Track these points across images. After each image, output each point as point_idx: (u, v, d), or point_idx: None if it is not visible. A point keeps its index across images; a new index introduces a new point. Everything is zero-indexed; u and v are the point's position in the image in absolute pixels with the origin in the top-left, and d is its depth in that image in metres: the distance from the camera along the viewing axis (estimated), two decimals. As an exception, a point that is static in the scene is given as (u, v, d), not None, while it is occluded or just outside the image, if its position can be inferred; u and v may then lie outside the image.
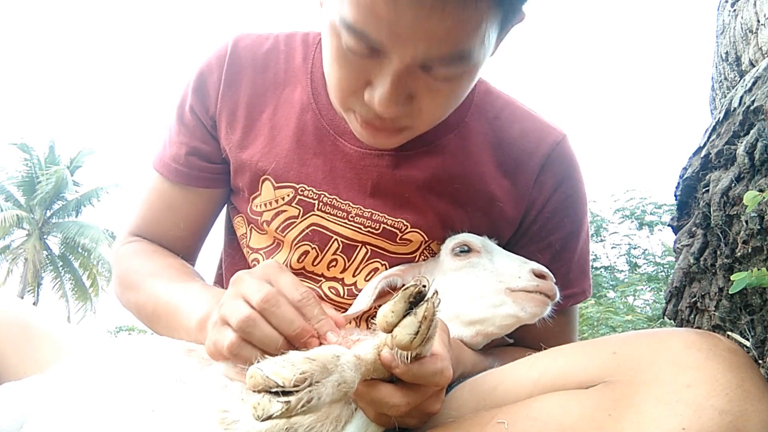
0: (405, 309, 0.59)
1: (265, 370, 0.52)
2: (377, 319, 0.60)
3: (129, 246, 1.11)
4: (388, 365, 0.64)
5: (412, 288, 0.58)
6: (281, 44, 1.06)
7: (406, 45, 0.73)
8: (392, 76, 0.77)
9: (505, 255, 0.97)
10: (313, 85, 1.03)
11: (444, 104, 0.85)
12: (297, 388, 0.52)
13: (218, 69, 1.04)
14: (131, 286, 1.04)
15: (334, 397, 0.56)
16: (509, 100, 1.09)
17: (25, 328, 0.92)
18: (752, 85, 0.93)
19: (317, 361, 0.56)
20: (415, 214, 1.01)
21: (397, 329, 0.59)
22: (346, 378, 0.58)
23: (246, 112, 1.03)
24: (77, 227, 20.09)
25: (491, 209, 1.03)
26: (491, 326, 0.91)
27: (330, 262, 1.03)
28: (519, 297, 0.89)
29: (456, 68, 0.77)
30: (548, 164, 1.04)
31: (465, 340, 0.92)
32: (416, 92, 0.81)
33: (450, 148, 1.01)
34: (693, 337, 0.64)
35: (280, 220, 1.03)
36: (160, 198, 1.11)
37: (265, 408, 0.51)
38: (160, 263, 1.05)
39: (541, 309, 0.89)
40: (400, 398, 0.66)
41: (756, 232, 0.81)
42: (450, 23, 0.70)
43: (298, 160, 1.01)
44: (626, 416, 0.61)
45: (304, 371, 0.53)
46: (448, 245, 1.00)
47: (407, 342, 0.58)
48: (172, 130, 1.09)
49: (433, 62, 0.75)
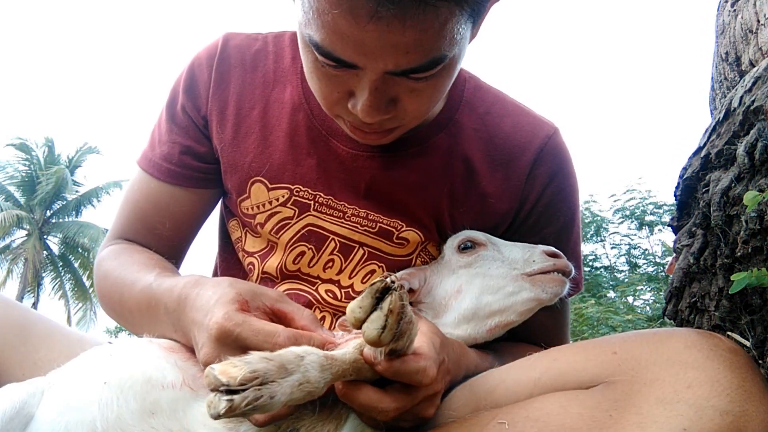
0: (372, 305, 0.59)
1: (215, 369, 0.54)
2: (347, 315, 0.60)
3: (104, 251, 1.08)
4: (369, 362, 0.64)
5: (379, 283, 0.59)
6: (270, 44, 1.07)
7: (376, 60, 0.73)
8: (370, 85, 0.77)
9: (511, 244, 0.97)
10: (304, 85, 1.03)
11: (428, 100, 0.85)
12: (243, 387, 0.53)
13: (208, 68, 1.04)
14: (108, 294, 1.02)
15: (294, 396, 0.57)
16: (499, 96, 1.09)
17: (23, 331, 0.91)
18: (752, 85, 0.93)
19: (274, 361, 0.56)
20: (409, 214, 1.01)
21: (365, 325, 0.59)
22: (310, 378, 0.58)
23: (235, 109, 1.03)
24: (77, 227, 20.10)
25: (485, 206, 1.03)
26: (512, 314, 0.91)
27: (326, 263, 1.03)
28: (537, 279, 0.89)
29: (432, 71, 0.78)
30: (541, 158, 1.04)
31: (483, 334, 0.92)
32: (398, 95, 0.81)
33: (441, 147, 1.01)
34: (694, 337, 0.64)
35: (274, 221, 1.02)
36: (146, 198, 1.08)
37: (215, 406, 0.52)
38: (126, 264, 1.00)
39: (561, 287, 0.90)
40: (388, 403, 0.66)
41: (756, 232, 0.81)
42: (414, 34, 0.70)
43: (292, 160, 1.01)
44: (627, 416, 0.61)
45: (255, 370, 0.54)
46: (452, 243, 1.00)
47: (375, 337, 0.58)
48: (162, 129, 1.07)
49: (407, 71, 0.76)
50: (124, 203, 1.12)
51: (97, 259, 1.09)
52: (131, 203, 1.10)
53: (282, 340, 0.68)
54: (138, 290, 0.91)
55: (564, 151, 1.08)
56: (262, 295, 0.78)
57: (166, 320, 0.83)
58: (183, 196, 1.07)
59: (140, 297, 0.90)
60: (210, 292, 0.76)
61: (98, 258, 1.09)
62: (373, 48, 0.72)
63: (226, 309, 0.71)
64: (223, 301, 0.73)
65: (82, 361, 0.80)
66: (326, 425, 0.70)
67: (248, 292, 0.76)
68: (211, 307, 0.73)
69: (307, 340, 0.70)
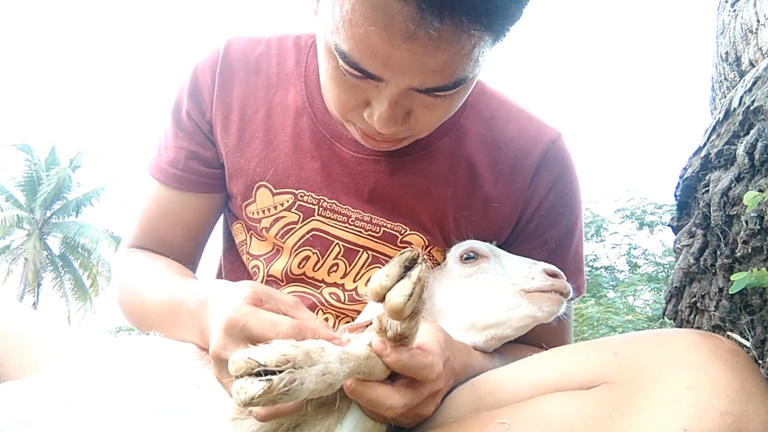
0: (400, 274, 0.58)
1: (247, 353, 0.52)
2: (370, 285, 0.59)
3: (123, 261, 1.09)
4: (379, 353, 0.64)
5: (408, 253, 0.58)
6: (273, 48, 1.06)
7: (403, 76, 0.74)
8: (390, 99, 0.78)
9: (513, 258, 0.97)
10: (308, 89, 1.03)
11: (442, 115, 0.87)
12: (279, 368, 0.52)
13: (211, 73, 1.04)
14: (129, 304, 1.03)
15: (318, 386, 0.56)
16: (504, 100, 1.09)
17: (24, 330, 0.91)
18: (752, 85, 0.93)
19: (301, 348, 0.55)
20: (412, 218, 1.01)
21: (390, 293, 0.58)
22: (331, 369, 0.58)
23: (239, 114, 1.03)
24: (77, 227, 20.08)
25: (488, 210, 1.03)
26: (507, 329, 0.91)
27: (331, 267, 1.03)
28: (535, 297, 0.89)
29: (453, 90, 0.79)
30: (544, 163, 1.04)
31: (479, 344, 0.92)
32: (414, 108, 0.82)
33: (446, 151, 1.02)
34: (695, 338, 0.64)
35: (279, 226, 1.02)
36: (156, 205, 1.09)
37: (247, 390, 0.50)
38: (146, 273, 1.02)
39: (557, 307, 0.90)
40: (397, 399, 0.66)
41: (756, 232, 0.81)
42: (445, 56, 0.71)
43: (296, 165, 1.01)
44: (628, 417, 0.61)
45: (286, 353, 0.53)
46: (455, 253, 1.00)
47: (401, 304, 0.57)
48: (168, 134, 1.08)
49: (430, 89, 0.77)
50: (136, 211, 1.12)
51: (115, 269, 1.10)
52: (142, 211, 1.11)
53: (285, 329, 0.68)
54: (159, 297, 0.92)
55: (567, 156, 1.08)
56: (278, 300, 0.78)
57: (189, 323, 0.84)
58: (191, 202, 1.08)
59: (162, 304, 0.91)
60: (229, 292, 0.77)
61: (116, 268, 1.10)
62: (402, 65, 0.72)
63: (238, 303, 0.72)
64: (237, 296, 0.74)
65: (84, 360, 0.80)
66: (327, 419, 0.70)
67: (265, 293, 0.77)
68: (227, 302, 0.74)
69: (311, 333, 0.70)
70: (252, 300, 0.73)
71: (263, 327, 0.69)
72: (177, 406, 0.74)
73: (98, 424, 0.70)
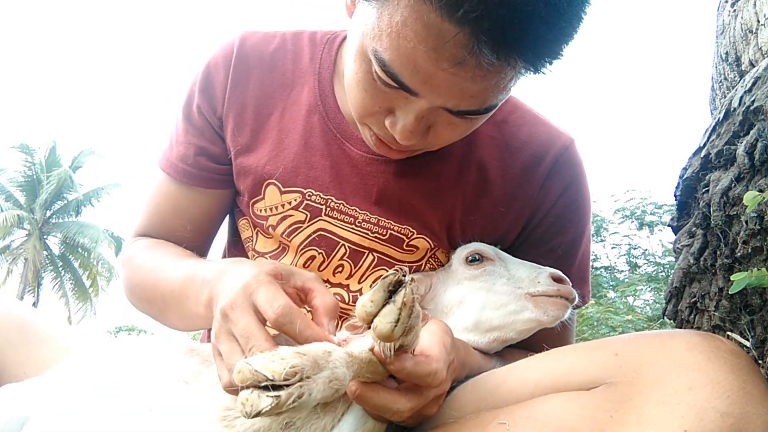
0: (384, 298, 0.57)
1: (254, 364, 0.51)
2: (356, 310, 0.58)
3: (134, 245, 1.10)
4: (382, 362, 0.64)
5: (391, 276, 0.57)
6: (288, 43, 1.05)
7: (439, 96, 0.74)
8: (417, 113, 0.77)
9: (519, 262, 0.97)
10: (321, 86, 1.02)
11: (461, 134, 0.87)
12: (287, 382, 0.50)
13: (225, 68, 1.03)
14: (139, 283, 1.03)
15: (326, 393, 0.55)
16: (517, 104, 1.08)
17: (24, 330, 0.91)
18: (752, 85, 0.93)
19: (308, 356, 0.54)
20: (420, 221, 1.00)
21: (377, 320, 0.57)
22: (338, 375, 0.57)
23: (254, 114, 1.02)
24: (77, 227, 20.08)
25: (496, 214, 1.02)
26: (511, 332, 0.91)
27: (336, 268, 1.03)
28: (540, 301, 0.89)
29: (481, 115, 0.80)
30: (555, 169, 1.03)
31: (481, 346, 0.92)
32: (436, 124, 0.82)
33: (456, 154, 1.01)
34: (695, 339, 0.64)
35: (285, 224, 1.02)
36: (166, 199, 1.09)
37: (254, 404, 0.49)
38: (162, 253, 1.03)
39: (562, 312, 0.90)
40: (404, 404, 0.66)
41: (756, 232, 0.81)
42: (485, 84, 0.72)
43: (305, 163, 1.00)
44: (628, 418, 0.61)
45: (294, 365, 0.52)
46: (460, 255, 0.99)
47: (388, 331, 0.56)
48: (179, 129, 1.07)
49: (461, 111, 0.77)
50: (144, 202, 1.13)
51: (126, 254, 1.10)
52: (152, 204, 1.11)
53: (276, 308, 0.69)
54: (177, 271, 0.93)
55: (579, 163, 1.07)
56: (299, 274, 0.81)
57: (199, 291, 0.84)
58: (200, 198, 1.08)
59: (178, 277, 0.92)
60: (253, 263, 0.80)
61: (129, 252, 1.10)
62: (442, 86, 0.72)
63: (259, 271, 0.75)
64: (261, 267, 0.76)
65: (81, 360, 0.80)
66: (322, 418, 0.70)
67: (286, 270, 0.80)
68: (249, 269, 0.76)
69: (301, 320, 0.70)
70: (273, 273, 0.75)
71: (265, 297, 0.70)
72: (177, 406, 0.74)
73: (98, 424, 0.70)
